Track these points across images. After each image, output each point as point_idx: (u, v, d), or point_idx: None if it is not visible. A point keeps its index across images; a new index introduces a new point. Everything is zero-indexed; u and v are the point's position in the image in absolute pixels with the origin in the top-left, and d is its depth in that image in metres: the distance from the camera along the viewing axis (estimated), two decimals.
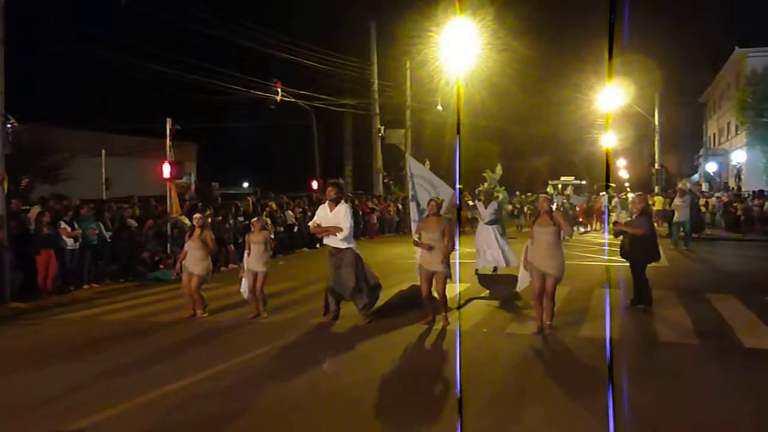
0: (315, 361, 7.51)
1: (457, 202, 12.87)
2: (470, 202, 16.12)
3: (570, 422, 5.43)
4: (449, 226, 9.21)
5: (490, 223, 13.61)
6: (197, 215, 10.73)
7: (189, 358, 7.72)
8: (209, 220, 15.78)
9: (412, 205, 11.20)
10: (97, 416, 5.67)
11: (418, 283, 10.58)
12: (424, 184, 11.27)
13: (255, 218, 10.72)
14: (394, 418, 5.60)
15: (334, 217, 9.24)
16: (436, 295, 9.07)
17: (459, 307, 10.13)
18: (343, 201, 9.47)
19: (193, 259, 10.13)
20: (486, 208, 13.94)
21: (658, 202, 38.18)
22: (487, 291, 11.84)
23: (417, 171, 11.48)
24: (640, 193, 11.41)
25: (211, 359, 7.49)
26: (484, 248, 13.48)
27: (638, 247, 9.88)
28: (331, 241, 9.35)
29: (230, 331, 9.12)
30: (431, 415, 5.65)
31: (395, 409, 5.81)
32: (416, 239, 9.30)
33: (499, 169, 23.61)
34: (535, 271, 8.41)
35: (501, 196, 15.26)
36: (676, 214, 19.98)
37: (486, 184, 15.06)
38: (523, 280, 9.02)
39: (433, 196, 10.30)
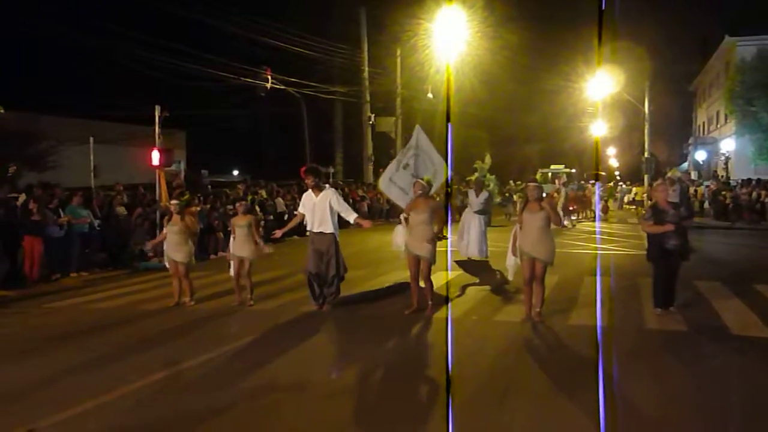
0: (303, 350, 7.50)
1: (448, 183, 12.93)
2: (462, 188, 16.22)
3: (558, 410, 5.44)
4: (439, 209, 9.16)
5: (480, 212, 13.69)
6: (174, 201, 10.50)
7: (176, 347, 7.69)
8: (198, 207, 15.73)
9: (404, 173, 11.02)
10: (83, 406, 5.63)
11: (407, 271, 10.59)
12: (424, 158, 11.17)
13: (239, 202, 10.63)
14: (382, 408, 5.59)
15: (320, 203, 9.18)
16: (422, 282, 9.04)
17: (448, 296, 10.12)
18: (327, 186, 9.48)
19: (173, 244, 9.91)
20: (477, 196, 14.05)
21: (639, 193, 38.42)
22: (477, 278, 11.87)
23: (422, 143, 11.32)
24: (661, 181, 9.28)
25: (199, 348, 7.46)
26: (468, 236, 13.59)
27: (680, 243, 8.50)
28: (315, 226, 9.27)
29: (218, 320, 9.09)
30: (420, 404, 5.65)
31: (383, 399, 5.80)
32: (403, 218, 9.29)
33: (488, 159, 23.72)
34: (525, 256, 8.38)
35: (492, 185, 15.34)
36: None
37: (477, 174, 15.15)
38: (512, 267, 9.00)
39: (429, 175, 10.25)
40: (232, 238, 9.98)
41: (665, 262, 8.52)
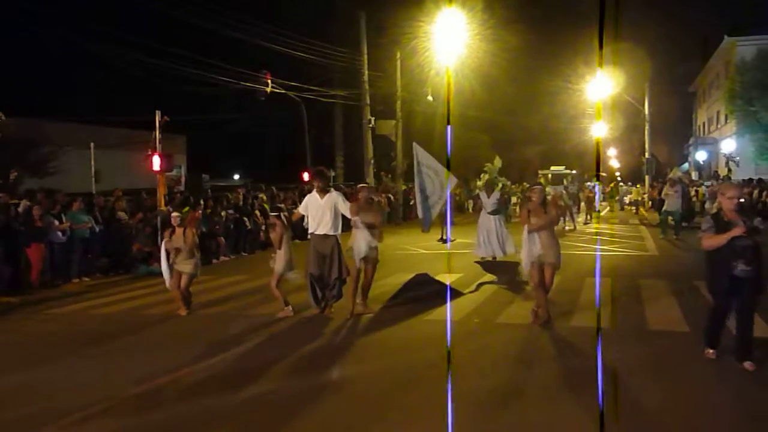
0: (305, 353, 7.51)
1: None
2: (471, 190, 16.52)
3: (560, 412, 5.45)
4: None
5: (493, 213, 13.89)
6: (175, 214, 10.34)
7: (178, 351, 7.68)
8: (199, 212, 15.73)
9: (419, 196, 11.31)
10: (86, 411, 5.64)
11: (410, 274, 10.66)
12: (429, 173, 11.33)
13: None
14: (383, 410, 5.60)
15: (324, 205, 9.19)
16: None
17: (451, 297, 10.13)
18: (333, 189, 9.52)
19: (180, 259, 9.71)
20: (489, 197, 14.25)
21: (635, 193, 38.42)
22: (480, 279, 11.91)
23: (423, 159, 11.49)
24: (729, 184, 6.96)
25: (201, 352, 7.48)
26: (486, 237, 13.87)
27: (755, 268, 6.21)
28: (318, 229, 9.29)
29: (220, 324, 9.08)
30: (420, 407, 5.65)
31: (383, 402, 5.81)
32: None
33: (498, 161, 23.60)
34: (535, 261, 8.34)
35: (500, 185, 15.60)
36: (666, 203, 20.17)
37: (486, 176, 15.40)
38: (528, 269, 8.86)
39: (435, 187, 10.38)
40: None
41: (734, 296, 6.32)
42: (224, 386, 6.30)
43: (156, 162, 15.90)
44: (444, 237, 18.79)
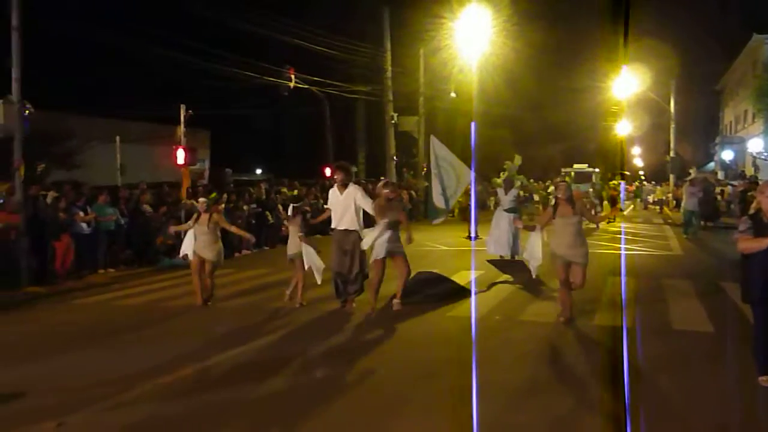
0: (326, 347, 7.54)
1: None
2: (489, 188, 16.31)
3: (584, 407, 5.43)
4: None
5: (509, 210, 13.81)
6: (201, 199, 10.43)
7: (202, 343, 7.75)
8: (222, 205, 15.85)
9: (438, 188, 11.30)
10: (112, 400, 5.72)
11: (428, 270, 10.67)
12: (445, 165, 11.35)
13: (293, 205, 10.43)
14: (401, 405, 5.61)
15: (344, 200, 9.25)
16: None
17: (475, 294, 10.12)
18: (352, 183, 9.53)
19: (203, 243, 9.78)
20: (506, 194, 14.17)
21: (659, 192, 38.01)
22: (501, 278, 11.88)
23: (440, 152, 11.53)
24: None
25: (225, 344, 7.54)
26: (497, 234, 13.79)
27: None
28: (339, 224, 9.34)
29: (243, 317, 9.16)
30: (440, 402, 5.65)
31: (402, 397, 5.81)
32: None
33: (518, 159, 23.43)
34: (560, 260, 8.25)
35: (519, 183, 15.55)
36: (684, 201, 20.27)
37: (506, 173, 15.41)
38: (535, 265, 8.90)
39: (453, 181, 10.38)
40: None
41: None
42: (245, 378, 6.35)
43: (180, 156, 16.05)
44: (470, 234, 18.73)
